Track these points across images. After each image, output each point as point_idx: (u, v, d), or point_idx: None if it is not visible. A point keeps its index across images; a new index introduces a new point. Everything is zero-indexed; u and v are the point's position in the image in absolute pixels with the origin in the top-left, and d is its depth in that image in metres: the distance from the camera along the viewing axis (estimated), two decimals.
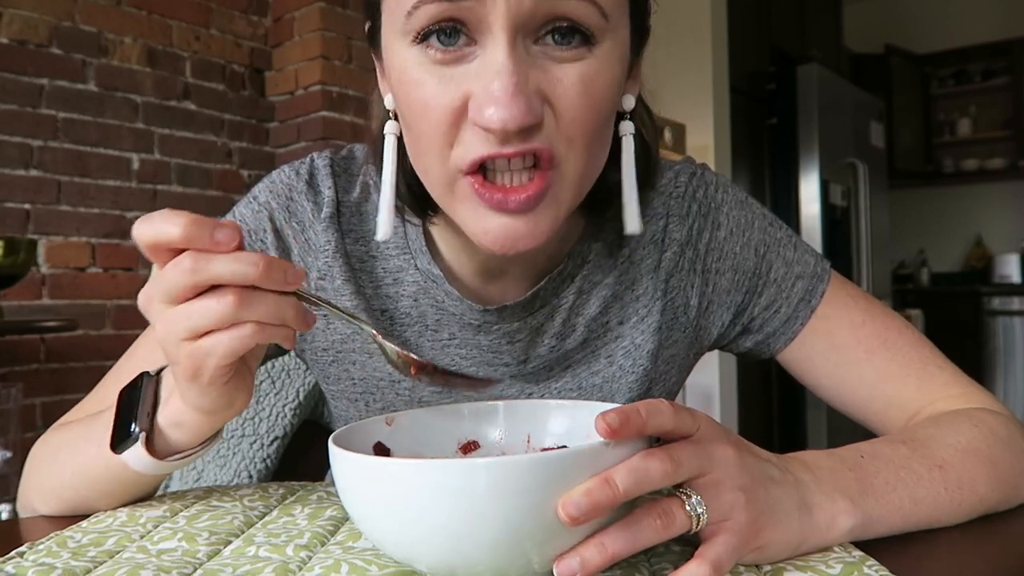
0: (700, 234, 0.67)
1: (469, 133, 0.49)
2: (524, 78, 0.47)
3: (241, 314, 0.43)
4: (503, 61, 0.47)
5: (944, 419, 0.58)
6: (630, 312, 0.66)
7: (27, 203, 2.30)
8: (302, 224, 0.65)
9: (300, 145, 2.80)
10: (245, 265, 0.42)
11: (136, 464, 0.51)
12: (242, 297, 0.43)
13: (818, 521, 0.45)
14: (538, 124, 0.48)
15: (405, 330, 0.65)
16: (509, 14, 0.47)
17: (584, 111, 0.50)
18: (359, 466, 0.40)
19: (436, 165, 0.52)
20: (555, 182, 0.51)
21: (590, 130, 0.51)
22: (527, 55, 0.48)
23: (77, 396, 2.35)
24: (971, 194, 4.90)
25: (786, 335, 0.67)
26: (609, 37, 0.50)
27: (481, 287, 0.64)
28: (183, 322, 0.43)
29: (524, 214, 0.51)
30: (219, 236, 0.42)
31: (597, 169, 0.55)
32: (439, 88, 0.49)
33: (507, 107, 0.46)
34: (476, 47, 0.49)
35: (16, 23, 2.28)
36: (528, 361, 0.66)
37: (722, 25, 2.96)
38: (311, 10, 2.75)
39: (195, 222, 0.42)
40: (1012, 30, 4.58)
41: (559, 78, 0.49)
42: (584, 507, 0.36)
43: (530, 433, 0.53)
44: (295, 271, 0.44)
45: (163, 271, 0.43)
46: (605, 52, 0.50)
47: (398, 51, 0.51)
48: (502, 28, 0.47)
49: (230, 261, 0.42)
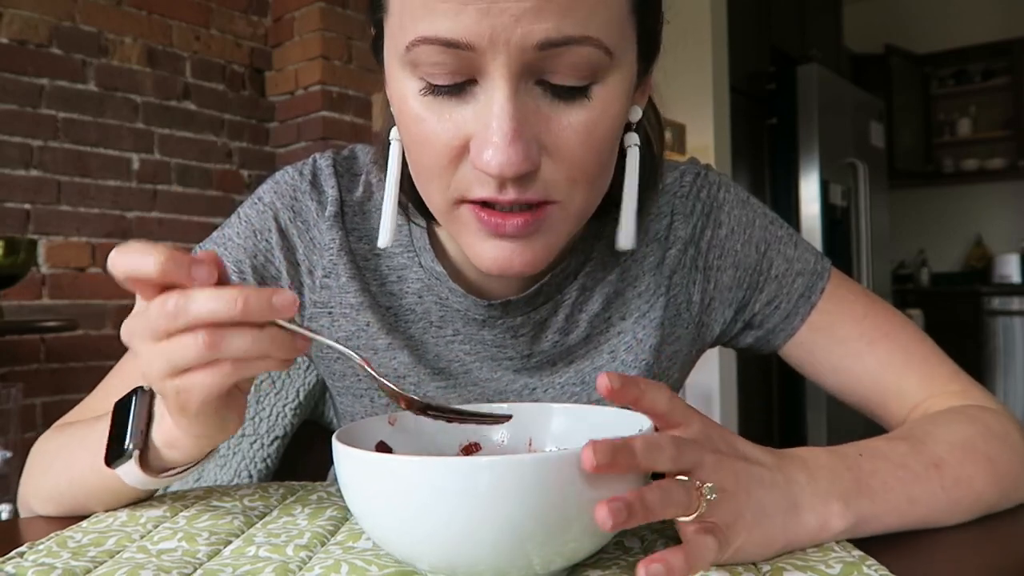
0: (703, 232, 0.68)
1: (470, 169, 0.50)
2: (523, 122, 0.47)
3: (217, 353, 0.42)
4: (502, 105, 0.46)
5: (942, 416, 0.58)
6: (632, 308, 0.67)
7: (27, 203, 2.30)
8: (306, 223, 0.66)
9: (300, 145, 2.80)
10: (224, 303, 0.41)
11: (129, 479, 0.50)
12: (215, 336, 0.41)
13: (808, 522, 0.45)
14: (536, 169, 0.49)
15: (410, 326, 0.66)
16: (510, 64, 0.46)
17: (584, 154, 0.50)
18: (362, 462, 0.40)
19: (436, 193, 0.52)
20: (554, 215, 0.52)
21: (592, 169, 0.51)
22: (528, 97, 0.48)
23: (77, 396, 2.34)
24: (971, 194, 4.90)
25: (786, 330, 0.68)
26: (613, 71, 0.49)
27: (485, 283, 0.65)
28: (163, 361, 0.43)
29: (520, 240, 0.51)
30: (196, 273, 0.41)
31: (599, 197, 0.55)
32: (439, 126, 0.49)
33: (504, 153, 0.46)
34: (477, 87, 0.48)
35: (16, 23, 2.28)
36: (532, 355, 0.66)
37: (722, 25, 2.96)
38: (311, 10, 2.75)
39: (171, 258, 0.41)
40: (1012, 30, 4.58)
41: (561, 124, 0.49)
42: (607, 457, 0.36)
43: (532, 436, 0.53)
44: (284, 299, 0.41)
45: (145, 311, 0.42)
46: (609, 88, 0.50)
47: (398, 78, 0.51)
48: (503, 76, 0.46)
49: (208, 300, 0.41)
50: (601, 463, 0.36)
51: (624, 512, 0.35)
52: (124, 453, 0.49)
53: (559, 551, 0.38)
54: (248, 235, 0.66)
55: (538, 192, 0.50)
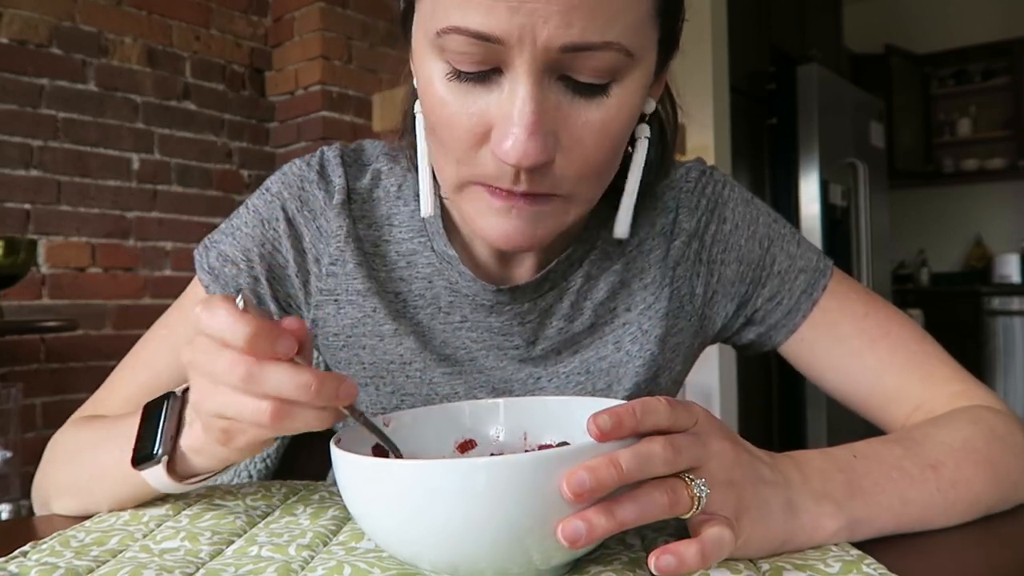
0: (707, 227, 0.69)
1: (488, 154, 0.51)
2: (543, 117, 0.49)
3: (278, 424, 0.42)
4: (525, 99, 0.48)
5: (942, 418, 0.58)
6: (638, 300, 0.68)
7: (27, 203, 2.30)
8: (313, 212, 0.67)
9: (300, 145, 2.80)
10: (297, 388, 0.41)
11: (155, 483, 0.51)
12: (281, 412, 0.42)
13: (803, 522, 0.45)
14: (551, 162, 0.50)
15: (418, 312, 0.67)
16: (535, 60, 0.47)
17: (597, 152, 0.52)
18: (360, 467, 0.40)
19: (450, 169, 0.54)
20: (558, 205, 0.54)
21: (601, 166, 0.53)
22: (549, 92, 0.49)
23: (77, 396, 2.34)
24: (971, 194, 4.90)
25: (787, 327, 0.68)
26: (633, 71, 0.51)
27: (494, 268, 0.66)
28: (218, 405, 0.43)
29: (526, 219, 0.53)
30: (280, 349, 0.41)
31: (604, 188, 0.57)
32: (462, 111, 0.51)
33: (524, 144, 0.48)
34: (502, 77, 0.50)
35: (16, 23, 2.28)
36: (537, 343, 0.67)
37: (722, 25, 2.96)
38: (311, 10, 2.75)
39: (259, 334, 0.40)
40: (1012, 30, 4.58)
41: (578, 121, 0.50)
42: (588, 483, 0.36)
43: (527, 430, 0.53)
44: (349, 389, 0.42)
45: (214, 357, 0.42)
46: (627, 87, 0.51)
47: (425, 58, 0.52)
48: (527, 71, 0.48)
49: (284, 381, 0.41)
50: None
51: (584, 530, 0.37)
52: (153, 457, 0.49)
53: (558, 547, 0.38)
54: (256, 224, 0.67)
55: (547, 186, 0.52)
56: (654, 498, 0.39)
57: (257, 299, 0.67)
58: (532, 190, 0.51)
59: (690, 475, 0.41)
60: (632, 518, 0.38)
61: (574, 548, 0.37)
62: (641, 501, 0.38)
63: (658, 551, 0.38)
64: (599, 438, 0.38)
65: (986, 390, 0.64)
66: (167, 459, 0.50)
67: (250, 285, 0.66)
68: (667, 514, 0.39)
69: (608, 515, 0.37)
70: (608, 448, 0.38)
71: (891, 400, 0.65)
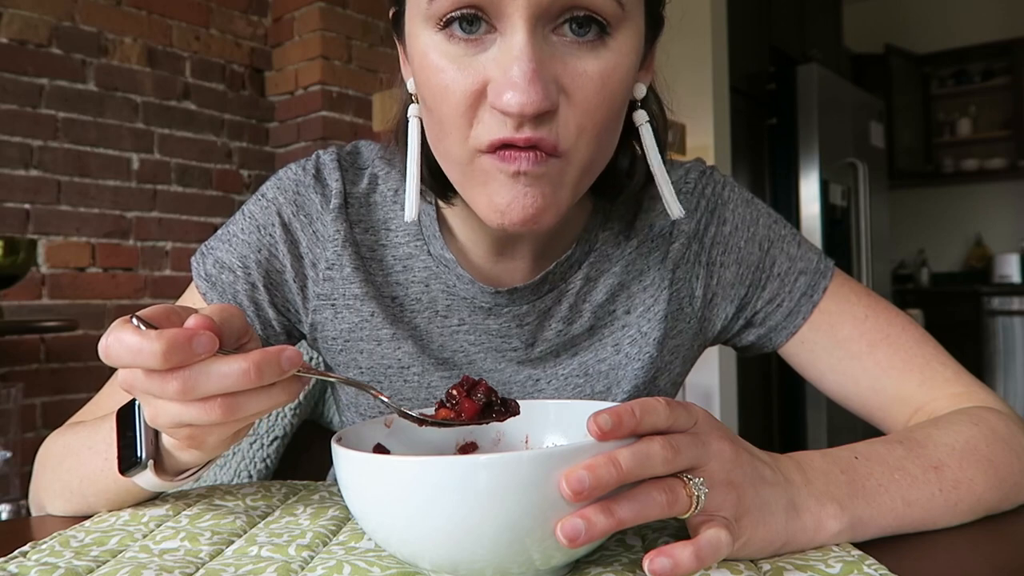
0: (706, 228, 0.69)
1: (487, 115, 0.51)
2: (542, 64, 0.49)
3: (232, 418, 0.42)
4: (522, 47, 0.48)
5: (943, 419, 0.58)
6: (637, 302, 0.67)
7: (27, 203, 2.30)
8: (310, 217, 0.66)
9: (300, 145, 2.80)
10: (237, 378, 0.41)
11: (147, 486, 0.51)
12: (231, 406, 0.41)
13: (805, 523, 0.45)
14: (553, 110, 0.50)
15: (415, 316, 0.67)
16: (529, 3, 0.48)
17: (598, 103, 0.51)
18: (361, 464, 0.40)
19: (456, 145, 0.53)
20: (559, 166, 0.53)
21: (601, 120, 0.52)
22: (545, 43, 0.50)
23: (77, 396, 2.34)
24: (971, 194, 4.90)
25: (788, 329, 0.68)
26: (625, 27, 0.51)
27: (492, 270, 0.66)
28: (171, 418, 0.43)
29: (532, 179, 0.51)
30: (199, 350, 0.40)
31: (605, 158, 0.56)
32: (459, 73, 0.50)
33: (525, 92, 0.47)
34: (496, 34, 0.50)
35: (16, 23, 2.28)
36: (535, 345, 0.67)
37: (722, 25, 2.96)
38: (311, 10, 2.75)
39: (171, 346, 0.39)
40: (1012, 30, 4.58)
41: (577, 70, 0.50)
42: (587, 482, 0.36)
43: (528, 433, 0.53)
44: (291, 356, 0.42)
45: (148, 384, 0.41)
46: (621, 43, 0.51)
47: (420, 36, 0.52)
48: (521, 17, 0.48)
49: (222, 378, 0.40)
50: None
51: (583, 528, 0.37)
52: (139, 463, 0.49)
53: (558, 546, 0.38)
54: (252, 231, 0.66)
55: (551, 135, 0.50)
56: (653, 497, 0.39)
57: (255, 305, 0.67)
58: (536, 136, 0.49)
59: (689, 475, 0.41)
60: (631, 517, 0.38)
61: (573, 546, 0.37)
62: (640, 500, 0.38)
63: (653, 553, 0.38)
64: (599, 437, 0.38)
65: (987, 391, 0.64)
66: (153, 462, 0.49)
67: (247, 291, 0.66)
68: (666, 513, 0.39)
69: (607, 514, 0.37)
70: (607, 448, 0.38)
71: (892, 403, 0.65)
